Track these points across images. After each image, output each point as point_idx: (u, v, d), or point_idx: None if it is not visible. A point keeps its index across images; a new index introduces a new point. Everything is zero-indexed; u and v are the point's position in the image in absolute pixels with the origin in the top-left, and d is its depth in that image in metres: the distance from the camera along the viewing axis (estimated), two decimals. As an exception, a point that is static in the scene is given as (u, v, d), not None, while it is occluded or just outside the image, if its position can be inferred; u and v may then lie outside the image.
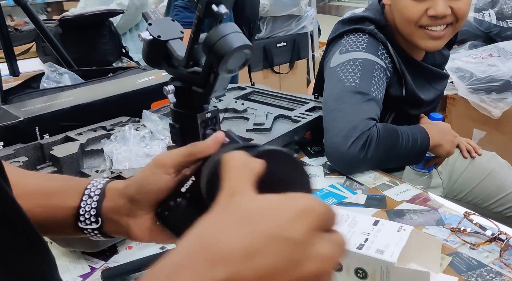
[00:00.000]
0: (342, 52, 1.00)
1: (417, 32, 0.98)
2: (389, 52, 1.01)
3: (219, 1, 0.49)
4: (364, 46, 0.99)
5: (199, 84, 0.55)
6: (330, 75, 1.00)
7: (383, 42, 1.01)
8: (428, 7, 0.94)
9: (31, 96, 1.04)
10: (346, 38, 1.03)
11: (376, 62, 0.98)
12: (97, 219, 0.45)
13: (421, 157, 0.95)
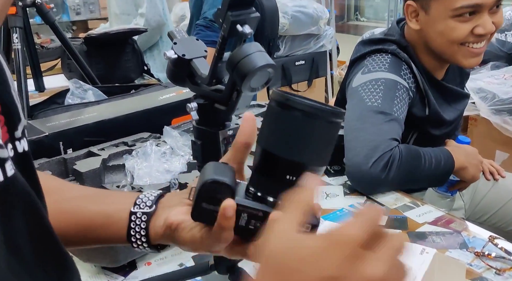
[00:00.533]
0: (364, 73, 1.00)
1: (460, 51, 0.97)
2: (413, 72, 1.00)
3: (244, 21, 0.50)
4: (387, 66, 0.99)
5: (221, 102, 0.56)
6: (352, 95, 1.00)
7: (407, 62, 1.00)
8: (475, 26, 0.93)
9: (56, 111, 1.07)
10: (368, 59, 1.03)
11: (398, 82, 0.97)
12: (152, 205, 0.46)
13: (445, 179, 0.93)
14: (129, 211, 0.46)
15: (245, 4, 0.50)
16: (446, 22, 0.95)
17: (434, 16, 0.97)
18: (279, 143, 0.37)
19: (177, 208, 0.44)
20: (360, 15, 5.88)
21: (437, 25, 0.97)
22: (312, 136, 0.36)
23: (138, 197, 0.46)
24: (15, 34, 1.14)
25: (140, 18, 2.03)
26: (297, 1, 2.96)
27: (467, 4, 0.91)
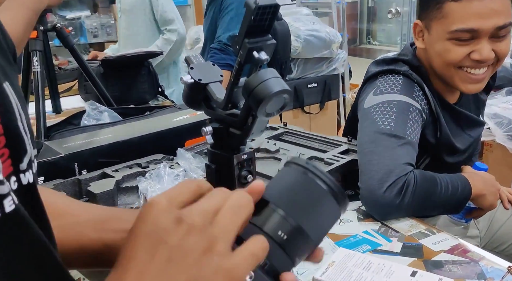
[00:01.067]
0: (376, 94, 1.00)
1: (458, 74, 0.96)
2: (425, 94, 1.00)
3: (260, 48, 0.51)
4: (399, 87, 0.98)
5: (237, 126, 0.56)
6: (364, 116, 0.99)
7: (419, 83, 1.00)
8: (471, 51, 0.93)
9: (72, 133, 1.09)
10: (380, 79, 1.03)
11: (411, 105, 0.96)
12: None
13: (462, 206, 0.91)
14: None
15: (262, 31, 0.51)
16: (444, 43, 0.95)
17: (434, 37, 0.97)
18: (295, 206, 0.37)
19: None
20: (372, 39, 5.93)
21: (436, 46, 0.97)
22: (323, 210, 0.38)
23: None
24: (35, 57, 1.18)
25: (171, 33, 2.12)
26: (309, 25, 2.99)
27: (463, 28, 0.91)
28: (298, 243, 0.36)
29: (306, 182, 0.37)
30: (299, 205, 0.36)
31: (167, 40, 2.17)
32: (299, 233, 0.36)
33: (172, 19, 2.16)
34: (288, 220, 0.35)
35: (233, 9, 1.86)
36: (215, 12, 1.95)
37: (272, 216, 0.35)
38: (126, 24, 2.26)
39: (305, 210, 0.36)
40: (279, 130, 1.23)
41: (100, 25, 3.70)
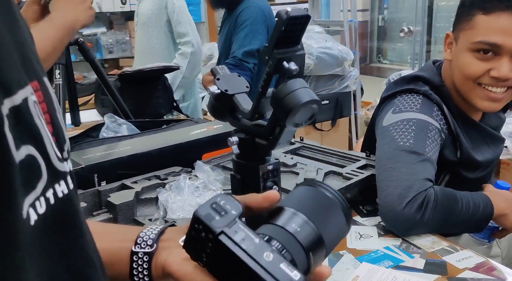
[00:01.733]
0: (395, 112, 1.00)
1: (475, 90, 0.96)
2: (444, 114, 1.00)
3: (290, 58, 0.51)
4: (418, 107, 0.98)
5: (263, 136, 0.56)
6: (382, 134, 0.99)
7: (438, 104, 1.00)
8: (491, 68, 0.93)
9: (91, 144, 1.10)
10: (399, 98, 1.03)
11: (430, 123, 0.96)
12: (153, 244, 0.46)
13: (483, 225, 0.90)
14: (130, 251, 0.46)
15: (291, 42, 0.51)
16: (466, 55, 0.95)
17: (459, 47, 0.97)
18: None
19: (175, 251, 0.44)
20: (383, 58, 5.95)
21: (459, 57, 0.97)
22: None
23: (138, 236, 0.47)
24: (58, 70, 1.20)
25: (186, 46, 2.14)
26: (322, 42, 3.02)
27: (485, 41, 0.91)
28: (317, 249, 0.38)
29: (318, 194, 0.42)
30: (316, 212, 0.38)
31: (183, 54, 2.19)
32: (318, 239, 0.38)
33: (186, 32, 2.18)
34: (310, 224, 0.37)
35: (248, 26, 1.88)
36: (229, 28, 1.98)
37: (295, 219, 0.37)
38: (142, 37, 2.30)
39: (322, 218, 0.38)
40: (296, 145, 1.23)
41: (116, 42, 3.77)
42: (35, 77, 0.30)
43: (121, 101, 1.40)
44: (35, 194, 0.26)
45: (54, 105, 0.32)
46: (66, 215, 0.30)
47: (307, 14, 0.48)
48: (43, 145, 0.28)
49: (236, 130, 0.60)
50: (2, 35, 0.26)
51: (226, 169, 1.06)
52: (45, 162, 0.28)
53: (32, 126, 0.27)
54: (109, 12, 3.86)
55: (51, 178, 0.28)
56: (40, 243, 0.26)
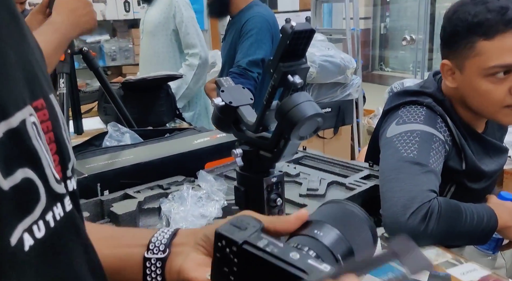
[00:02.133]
0: (399, 123, 1.00)
1: (502, 111, 0.96)
2: (448, 125, 1.00)
3: (294, 71, 0.51)
4: (422, 118, 0.98)
5: (267, 149, 0.56)
6: (386, 145, 0.99)
7: (442, 116, 1.00)
8: (510, 87, 0.92)
9: (94, 153, 1.10)
10: (403, 110, 1.03)
11: (434, 135, 0.96)
12: (165, 249, 0.45)
13: (488, 237, 0.89)
14: (143, 256, 0.46)
15: (296, 55, 0.51)
16: (480, 82, 0.94)
17: (469, 75, 0.96)
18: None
19: (191, 256, 0.44)
20: (385, 66, 5.97)
21: (473, 85, 0.96)
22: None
23: (150, 241, 0.46)
24: (61, 79, 1.20)
25: (193, 58, 2.14)
26: (324, 51, 3.03)
27: (500, 64, 0.91)
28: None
29: (347, 211, 0.42)
30: (347, 227, 0.39)
31: (189, 65, 2.18)
32: (350, 255, 0.38)
33: (195, 43, 2.17)
34: (344, 240, 0.37)
35: (253, 35, 1.89)
36: (234, 37, 1.99)
37: (330, 233, 0.37)
38: (148, 45, 2.30)
39: (352, 233, 0.39)
40: (299, 155, 1.23)
41: (119, 49, 3.79)
42: (41, 95, 0.30)
43: (124, 109, 1.40)
44: (31, 218, 0.26)
45: (59, 123, 0.32)
46: (65, 237, 0.29)
47: (312, 28, 0.49)
48: (41, 167, 0.27)
49: (240, 142, 0.61)
50: (5, 55, 0.26)
51: (229, 179, 1.06)
52: (43, 184, 0.27)
53: (30, 149, 0.27)
54: (113, 20, 3.88)
55: (50, 201, 0.28)
56: (36, 267, 0.26)
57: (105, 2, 3.60)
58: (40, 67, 0.31)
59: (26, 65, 0.28)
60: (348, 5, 3.50)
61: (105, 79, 1.35)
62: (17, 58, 0.27)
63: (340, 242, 0.37)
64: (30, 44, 0.30)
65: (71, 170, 0.34)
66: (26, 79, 0.28)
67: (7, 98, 0.25)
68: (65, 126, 0.34)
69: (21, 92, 0.27)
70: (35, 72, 0.30)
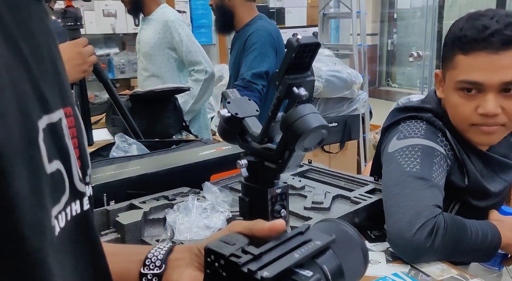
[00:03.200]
0: (400, 138, 1.00)
1: (470, 129, 0.96)
2: (448, 140, 0.99)
3: (300, 84, 0.52)
4: (423, 132, 0.98)
5: (272, 160, 0.57)
6: (388, 160, 0.99)
7: (441, 130, 1.00)
8: (478, 105, 0.92)
9: (101, 164, 1.11)
10: (403, 124, 1.03)
11: (435, 149, 0.96)
12: (161, 265, 0.46)
13: (491, 254, 0.88)
14: (139, 272, 0.46)
15: (301, 68, 0.52)
16: (452, 94, 0.96)
17: (447, 87, 0.98)
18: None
19: (187, 273, 0.44)
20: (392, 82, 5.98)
21: (448, 97, 0.98)
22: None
23: (146, 257, 0.47)
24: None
25: (199, 74, 2.14)
26: (331, 66, 3.05)
27: (467, 79, 0.92)
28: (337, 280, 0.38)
29: (339, 230, 0.42)
30: (339, 247, 0.38)
31: (196, 80, 2.17)
32: (339, 273, 0.38)
33: (199, 60, 2.16)
34: (334, 257, 0.36)
35: (257, 49, 1.92)
36: (238, 50, 2.01)
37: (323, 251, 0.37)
38: (145, 65, 2.27)
39: (344, 253, 0.39)
40: (304, 168, 1.23)
41: (128, 62, 3.84)
42: (69, 104, 0.32)
43: (132, 121, 1.42)
44: (58, 207, 0.28)
45: (82, 132, 0.35)
46: (80, 233, 0.31)
47: (317, 41, 0.50)
48: (69, 163, 0.30)
49: (245, 153, 0.61)
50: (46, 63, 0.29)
51: (234, 190, 1.06)
52: (69, 179, 0.30)
53: (63, 144, 0.29)
54: (122, 34, 3.94)
55: (72, 196, 0.30)
56: (58, 255, 0.27)
57: (115, 16, 3.66)
58: (66, 80, 0.33)
59: (57, 75, 0.31)
60: (355, 21, 3.53)
61: (113, 91, 1.37)
62: (51, 65, 0.30)
63: (330, 258, 0.37)
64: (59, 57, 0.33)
65: (89, 176, 0.36)
66: (58, 85, 0.31)
67: (49, 96, 0.28)
68: (85, 135, 0.36)
69: (56, 95, 0.30)
70: (64, 82, 0.32)
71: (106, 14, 3.63)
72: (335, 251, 0.38)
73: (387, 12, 5.76)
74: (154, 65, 2.23)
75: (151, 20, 2.22)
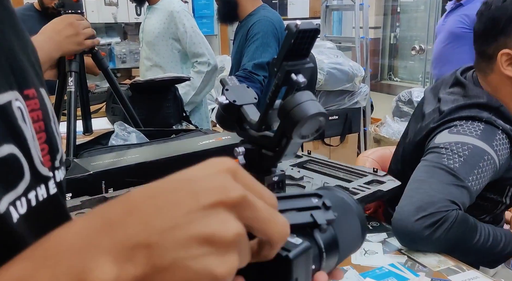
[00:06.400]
0: (452, 132, 0.95)
1: None
2: (509, 136, 0.94)
3: (298, 70, 0.52)
4: (479, 133, 0.93)
5: (269, 147, 0.56)
6: (431, 149, 0.95)
7: (504, 128, 0.94)
8: None
9: (100, 152, 1.11)
10: (460, 122, 0.97)
11: (487, 152, 0.91)
12: None
13: (498, 262, 0.88)
14: None
15: (300, 55, 0.52)
16: None
17: None
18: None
19: None
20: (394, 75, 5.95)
21: None
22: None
23: None
24: (70, 78, 1.22)
25: (202, 65, 2.13)
26: (333, 58, 3.04)
27: None
28: (331, 253, 0.37)
29: (336, 197, 0.40)
30: (336, 218, 0.36)
31: (198, 72, 2.15)
32: (334, 244, 0.36)
33: (202, 52, 2.14)
34: (329, 228, 0.36)
35: (259, 39, 1.90)
36: (241, 40, 2.00)
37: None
38: (148, 55, 2.27)
39: (340, 224, 0.37)
40: (303, 158, 1.23)
41: (129, 52, 3.82)
42: (32, 86, 0.31)
43: (132, 110, 1.41)
44: (15, 193, 0.27)
45: (49, 116, 0.33)
46: (47, 219, 0.30)
47: (316, 27, 0.49)
48: (26, 147, 0.28)
49: (243, 141, 0.61)
50: None
51: (233, 180, 1.06)
52: (28, 163, 0.28)
53: (16, 127, 0.28)
54: (124, 23, 3.92)
55: (34, 180, 0.29)
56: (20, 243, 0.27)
57: (117, 5, 3.64)
58: (30, 61, 0.33)
59: (10, 55, 0.30)
60: (358, 13, 3.51)
61: (114, 80, 1.36)
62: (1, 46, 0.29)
63: (326, 232, 0.35)
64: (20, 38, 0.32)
65: (59, 161, 0.35)
66: (11, 67, 0.29)
67: None
68: (55, 119, 0.35)
69: (5, 77, 0.28)
70: (22, 63, 0.31)
71: (107, 3, 3.61)
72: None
73: (390, 5, 5.72)
74: (157, 55, 2.22)
75: (156, 9, 2.20)
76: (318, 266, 0.35)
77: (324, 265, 0.35)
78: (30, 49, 0.35)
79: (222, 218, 0.24)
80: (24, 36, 0.33)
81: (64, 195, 0.36)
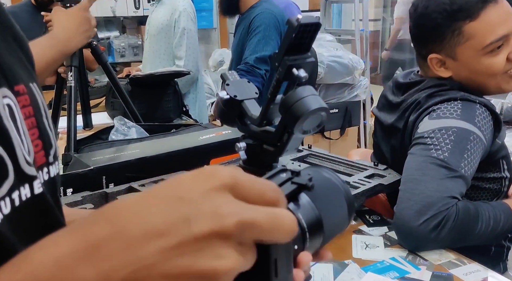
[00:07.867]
0: (432, 118, 0.94)
1: (502, 78, 0.97)
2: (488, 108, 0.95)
3: (300, 65, 0.51)
4: (459, 112, 0.92)
5: (271, 143, 0.56)
6: (416, 140, 0.94)
7: (480, 101, 0.95)
8: (508, 53, 0.94)
9: (100, 147, 1.10)
10: (438, 106, 0.96)
11: (472, 132, 0.90)
12: None
13: (498, 239, 0.89)
14: None
15: (301, 49, 0.51)
16: (481, 60, 0.95)
17: (465, 60, 0.96)
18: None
19: None
20: (394, 68, 5.93)
21: (473, 66, 0.96)
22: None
23: None
24: (70, 72, 1.21)
25: (179, 60, 2.10)
26: (333, 51, 3.02)
27: (495, 39, 0.92)
28: (315, 233, 0.35)
29: (321, 177, 0.38)
30: (320, 197, 0.35)
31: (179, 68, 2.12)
32: (318, 225, 0.35)
33: (181, 56, 2.09)
34: (313, 208, 0.34)
35: (261, 32, 1.89)
36: (242, 33, 1.99)
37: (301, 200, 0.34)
38: (151, 48, 2.26)
39: (324, 204, 0.35)
40: (304, 153, 1.23)
41: (128, 46, 3.81)
42: (22, 82, 0.31)
43: (132, 105, 1.41)
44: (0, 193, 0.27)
45: (41, 111, 0.33)
46: (31, 219, 0.30)
47: (318, 21, 0.49)
48: (11, 146, 0.28)
49: (244, 136, 0.61)
50: None
51: (233, 175, 1.06)
52: (13, 163, 0.28)
53: (1, 127, 0.27)
54: (123, 17, 3.90)
55: (18, 180, 0.28)
56: (4, 243, 0.26)
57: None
58: (18, 57, 0.32)
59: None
60: (358, 6, 3.49)
61: (113, 74, 1.36)
62: None
63: (308, 207, 0.34)
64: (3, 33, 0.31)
65: (53, 156, 0.35)
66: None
67: None
68: (47, 114, 0.35)
69: None
70: (10, 60, 0.31)
71: (105, -3, 3.59)
72: (314, 201, 0.35)
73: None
74: (159, 49, 2.21)
75: (164, 3, 2.18)
76: (302, 246, 0.34)
77: (308, 245, 0.34)
78: (18, 44, 0.34)
79: (216, 252, 0.23)
80: (10, 32, 0.33)
81: (58, 190, 0.36)
